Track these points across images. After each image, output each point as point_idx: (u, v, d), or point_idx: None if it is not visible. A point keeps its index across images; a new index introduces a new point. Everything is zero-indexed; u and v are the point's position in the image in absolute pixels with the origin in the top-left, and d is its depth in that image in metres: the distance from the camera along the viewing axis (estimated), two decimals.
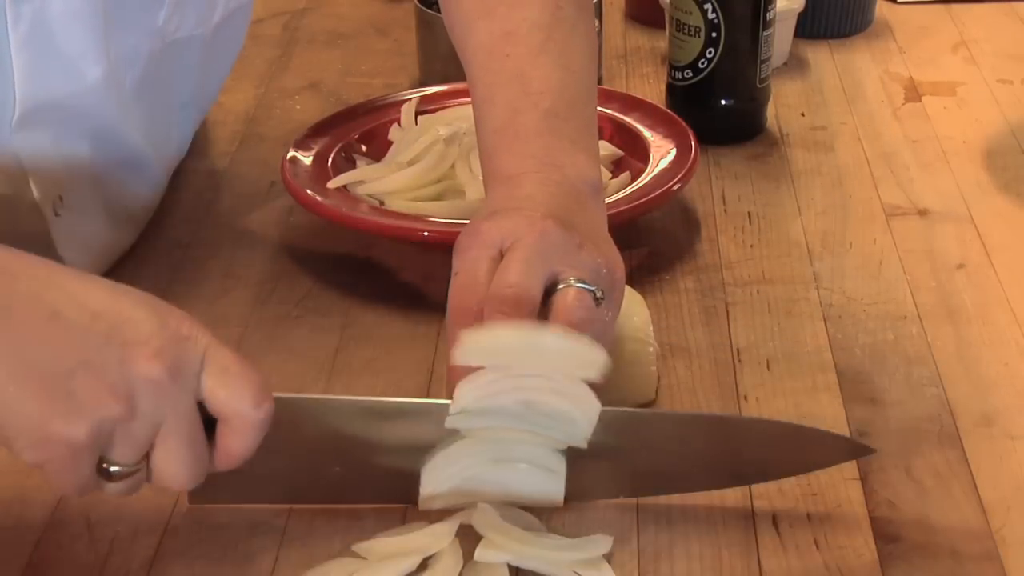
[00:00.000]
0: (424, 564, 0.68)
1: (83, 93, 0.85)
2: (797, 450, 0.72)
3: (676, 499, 0.72)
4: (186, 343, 0.60)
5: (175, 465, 0.61)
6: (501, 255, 0.71)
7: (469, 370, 0.67)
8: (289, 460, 0.69)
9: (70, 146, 0.87)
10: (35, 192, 0.86)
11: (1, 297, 0.58)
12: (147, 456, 0.61)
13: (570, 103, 0.80)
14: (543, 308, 0.70)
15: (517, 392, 0.68)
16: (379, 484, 0.71)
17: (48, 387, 0.57)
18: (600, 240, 0.75)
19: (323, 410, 0.69)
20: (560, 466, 0.70)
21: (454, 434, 0.70)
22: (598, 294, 0.71)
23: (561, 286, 0.70)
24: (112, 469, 0.60)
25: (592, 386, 0.69)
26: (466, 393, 0.68)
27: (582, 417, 0.68)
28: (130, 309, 0.60)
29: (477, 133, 0.82)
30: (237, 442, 0.62)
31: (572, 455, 0.71)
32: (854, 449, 0.74)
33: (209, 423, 0.62)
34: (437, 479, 0.70)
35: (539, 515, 0.71)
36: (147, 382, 0.58)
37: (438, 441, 0.70)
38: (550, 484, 0.71)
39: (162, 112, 0.97)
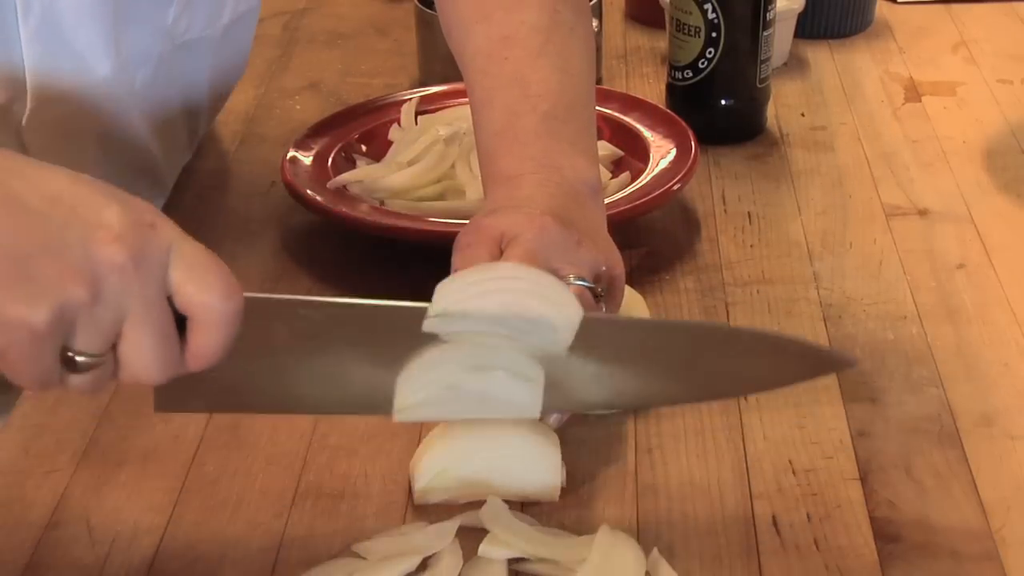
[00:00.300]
0: (424, 564, 0.68)
1: (92, 89, 0.85)
2: (778, 359, 0.71)
3: (676, 500, 0.72)
4: (151, 231, 0.58)
5: (144, 356, 0.58)
6: (501, 252, 0.71)
7: None
8: (258, 364, 0.66)
9: (78, 145, 0.88)
10: None
11: None
12: (115, 349, 0.58)
13: (569, 106, 0.80)
14: None
15: (498, 294, 0.66)
16: (353, 394, 0.69)
17: (8, 271, 0.55)
18: (599, 239, 0.75)
19: (294, 311, 0.66)
20: (538, 375, 0.68)
21: (432, 340, 0.67)
22: (598, 291, 0.71)
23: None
24: (78, 359, 0.57)
25: None
26: (447, 294, 0.66)
27: (563, 323, 0.66)
28: (92, 194, 0.57)
29: (476, 136, 0.82)
30: (208, 338, 0.59)
31: (550, 361, 0.68)
32: (835, 361, 0.74)
33: (180, 325, 0.59)
34: (413, 388, 0.67)
35: (538, 516, 0.71)
36: (110, 265, 0.56)
37: (415, 347, 0.67)
38: (527, 394, 0.67)
39: (173, 114, 0.97)
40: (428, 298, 0.91)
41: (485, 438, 0.71)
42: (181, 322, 0.59)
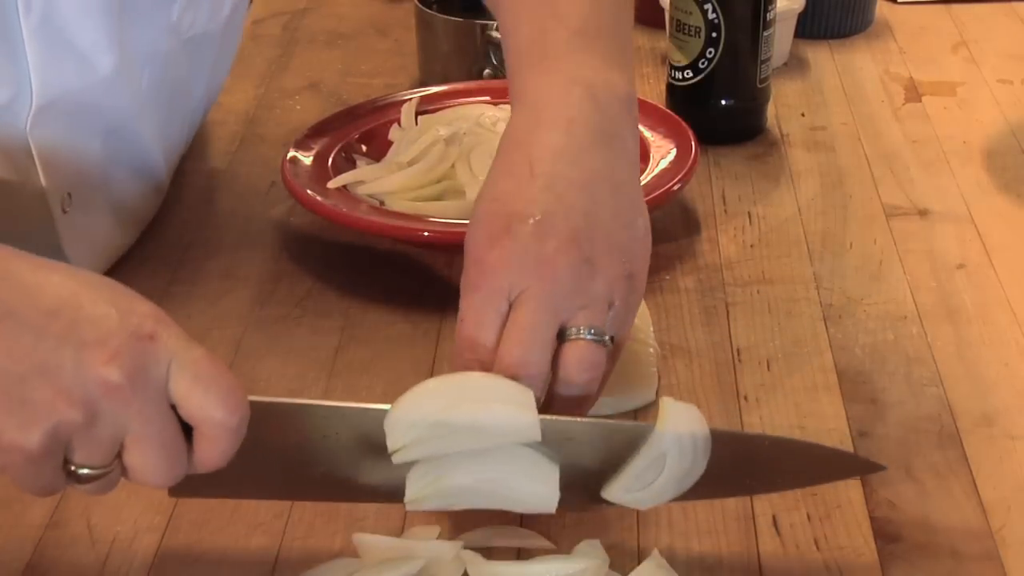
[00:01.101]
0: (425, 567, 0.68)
1: (96, 86, 0.85)
2: (805, 466, 0.70)
3: (676, 499, 0.72)
4: (149, 344, 0.57)
5: (149, 467, 0.58)
6: (509, 305, 0.68)
7: None
8: (270, 461, 0.67)
9: (83, 143, 0.88)
10: (45, 188, 0.86)
11: None
12: (120, 457, 0.59)
13: (600, 25, 0.77)
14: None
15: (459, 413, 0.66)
16: (368, 485, 0.69)
17: (1, 394, 0.55)
18: (625, 205, 0.72)
19: (303, 415, 0.66)
20: (530, 400, 0.66)
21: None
22: (606, 340, 0.69)
23: (572, 335, 0.68)
24: (80, 472, 0.58)
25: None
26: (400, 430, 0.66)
27: (525, 423, 0.66)
28: (89, 305, 0.56)
29: (505, 59, 0.79)
30: (212, 449, 0.59)
31: (569, 464, 0.68)
32: (864, 466, 0.73)
33: (187, 424, 0.60)
34: (402, 429, 0.66)
35: (538, 517, 0.71)
36: (105, 386, 0.55)
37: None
38: (522, 418, 0.66)
39: (176, 112, 0.97)
40: (426, 299, 0.91)
41: (460, 393, 0.67)
42: (187, 425, 0.59)
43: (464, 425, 0.65)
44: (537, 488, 0.68)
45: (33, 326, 0.55)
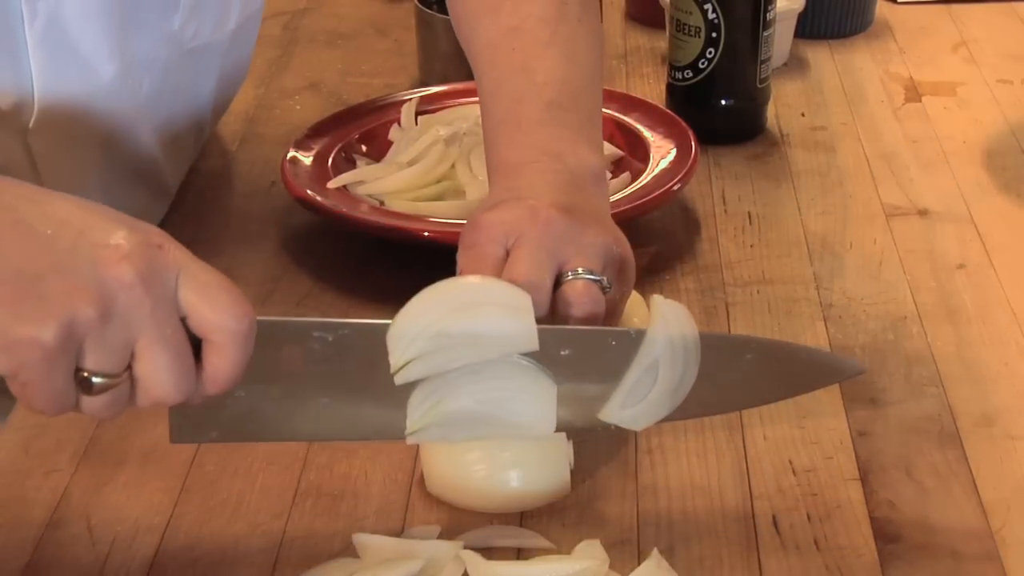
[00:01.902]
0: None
1: (97, 92, 0.85)
2: (788, 370, 0.71)
3: (676, 500, 0.72)
4: (159, 251, 0.58)
5: (160, 375, 0.58)
6: (506, 252, 0.71)
7: None
8: (272, 390, 0.66)
9: (83, 149, 0.88)
10: None
11: None
12: (130, 370, 0.58)
13: (574, 95, 0.80)
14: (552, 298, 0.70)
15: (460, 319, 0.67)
16: (367, 418, 0.69)
17: (15, 291, 0.55)
18: (605, 222, 0.75)
19: (306, 334, 0.66)
20: (527, 304, 0.67)
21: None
22: (605, 283, 0.71)
23: (568, 277, 0.70)
24: (92, 380, 0.58)
25: None
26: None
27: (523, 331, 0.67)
28: (98, 217, 0.58)
29: (483, 126, 0.82)
30: (223, 359, 0.59)
31: (567, 384, 0.69)
32: (844, 368, 0.74)
33: (195, 351, 0.59)
34: (404, 344, 0.66)
35: (538, 518, 0.71)
36: (119, 283, 0.56)
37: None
38: (520, 323, 0.67)
39: (178, 122, 0.97)
40: None
41: (458, 299, 0.68)
42: (195, 348, 0.59)
43: (464, 334, 0.66)
44: (535, 409, 0.68)
45: (46, 232, 0.57)
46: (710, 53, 1.09)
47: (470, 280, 0.68)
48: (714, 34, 1.08)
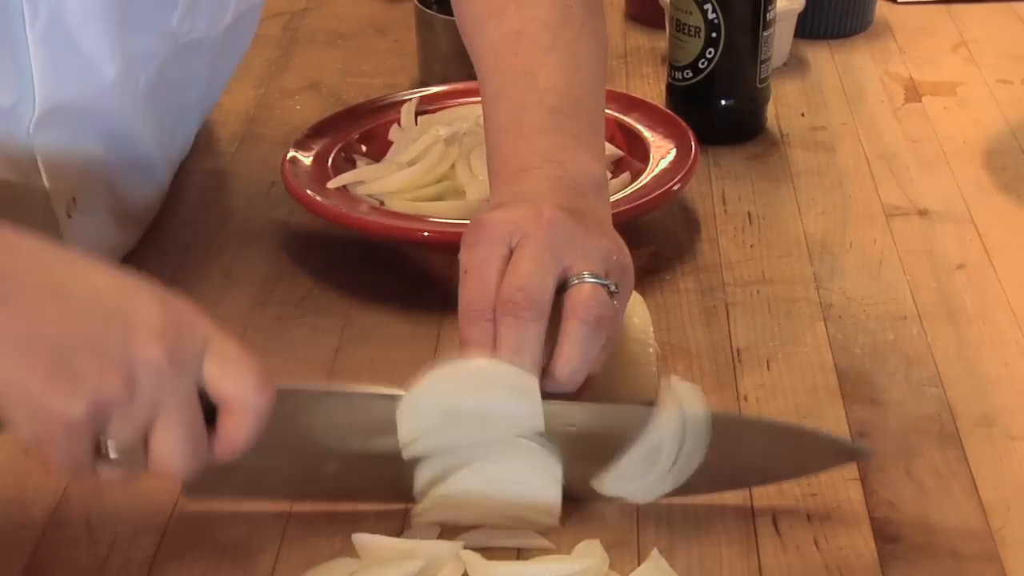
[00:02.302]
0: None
1: (99, 92, 0.85)
2: (797, 452, 0.72)
3: (676, 500, 0.72)
4: (188, 329, 0.60)
5: (173, 450, 0.60)
6: (510, 252, 0.71)
7: None
8: (286, 453, 0.68)
9: (85, 147, 0.88)
10: (49, 193, 0.86)
11: (8, 273, 0.58)
12: (145, 442, 0.60)
13: (576, 101, 0.80)
14: (557, 300, 0.70)
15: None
16: (378, 481, 0.71)
17: (50, 363, 0.57)
18: (606, 228, 0.75)
19: (321, 402, 0.69)
20: (534, 386, 0.68)
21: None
22: (611, 288, 0.71)
23: (575, 281, 0.70)
24: (110, 452, 0.60)
25: (592, 388, 0.70)
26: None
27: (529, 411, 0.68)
28: (134, 292, 0.60)
29: (485, 130, 0.82)
30: (238, 429, 0.62)
31: (571, 458, 0.70)
32: (853, 452, 0.74)
33: (209, 413, 0.62)
34: (413, 421, 0.68)
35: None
36: (148, 364, 0.58)
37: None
38: (526, 405, 0.68)
39: (172, 114, 0.97)
40: (426, 299, 0.91)
41: (467, 382, 0.69)
42: (210, 413, 0.61)
43: (471, 413, 0.68)
44: (540, 492, 0.70)
45: (84, 304, 0.59)
46: (710, 53, 1.09)
47: (478, 363, 0.69)
48: (714, 34, 1.08)
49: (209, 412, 0.62)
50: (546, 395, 0.69)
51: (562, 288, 0.70)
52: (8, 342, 0.57)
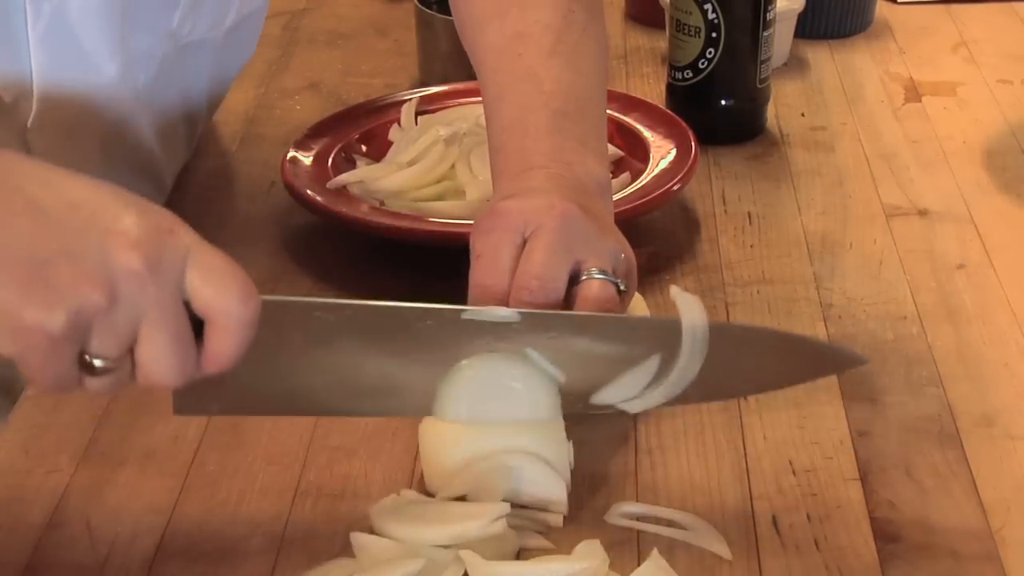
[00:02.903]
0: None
1: (98, 90, 0.85)
2: (792, 359, 0.72)
3: (676, 499, 0.72)
4: (168, 236, 0.58)
5: (161, 360, 0.59)
6: (523, 240, 0.71)
7: None
8: (273, 366, 0.67)
9: (82, 145, 0.88)
10: None
11: None
12: (132, 352, 0.59)
13: (579, 105, 0.81)
14: (566, 295, 0.71)
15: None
16: (366, 394, 0.70)
17: (25, 275, 0.56)
18: (612, 228, 0.76)
19: (309, 313, 0.67)
20: (553, 388, 0.70)
21: (445, 343, 0.70)
22: (620, 286, 0.72)
23: (584, 277, 0.71)
24: (95, 363, 0.58)
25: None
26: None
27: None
28: (110, 201, 0.58)
29: (487, 131, 0.82)
30: (225, 341, 0.60)
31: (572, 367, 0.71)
32: (850, 359, 0.75)
33: (197, 328, 0.60)
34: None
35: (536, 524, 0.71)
36: (127, 271, 0.57)
37: (428, 348, 0.70)
38: (545, 396, 0.70)
39: (173, 114, 0.97)
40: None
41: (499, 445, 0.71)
42: (197, 326, 0.60)
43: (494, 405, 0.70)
44: (550, 488, 0.71)
45: (57, 215, 0.57)
46: (710, 53, 1.09)
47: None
48: (714, 34, 1.08)
49: (196, 326, 0.60)
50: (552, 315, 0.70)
51: (571, 282, 0.71)
52: None
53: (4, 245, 0.56)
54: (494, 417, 0.70)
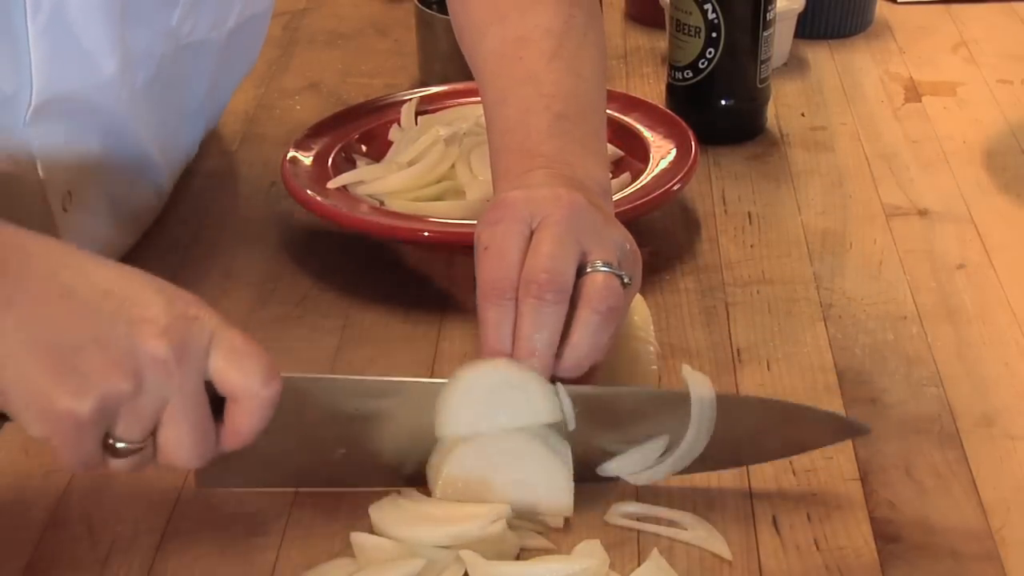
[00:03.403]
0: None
1: (97, 87, 0.85)
2: (795, 429, 0.72)
3: (676, 500, 0.72)
4: (194, 323, 0.60)
5: (181, 443, 0.61)
6: (531, 232, 0.72)
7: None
8: (295, 441, 0.69)
9: (81, 141, 0.88)
10: (45, 185, 0.86)
11: (16, 274, 0.59)
12: (154, 434, 0.61)
13: (580, 108, 0.81)
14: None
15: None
16: (385, 467, 0.71)
17: (57, 362, 0.58)
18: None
19: (328, 391, 0.70)
20: (554, 396, 0.70)
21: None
22: (625, 279, 0.72)
23: (589, 270, 0.71)
24: (118, 445, 0.61)
25: (593, 382, 0.71)
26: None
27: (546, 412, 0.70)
28: (139, 288, 0.60)
29: (488, 134, 0.82)
30: (245, 421, 0.62)
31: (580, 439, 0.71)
32: (851, 428, 0.74)
33: (217, 403, 0.62)
34: (453, 414, 0.70)
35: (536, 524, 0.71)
36: (154, 360, 0.59)
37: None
38: (551, 406, 0.70)
39: (172, 115, 0.97)
40: (426, 299, 0.91)
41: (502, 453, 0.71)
42: (217, 402, 0.62)
43: (502, 410, 0.70)
44: (553, 492, 0.70)
45: (89, 303, 0.59)
46: (710, 53, 1.09)
47: (508, 366, 0.70)
48: (714, 34, 1.08)
49: (216, 401, 0.62)
50: (552, 379, 0.70)
51: (577, 273, 0.71)
52: (16, 343, 0.58)
53: (39, 331, 0.58)
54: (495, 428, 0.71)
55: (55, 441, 0.60)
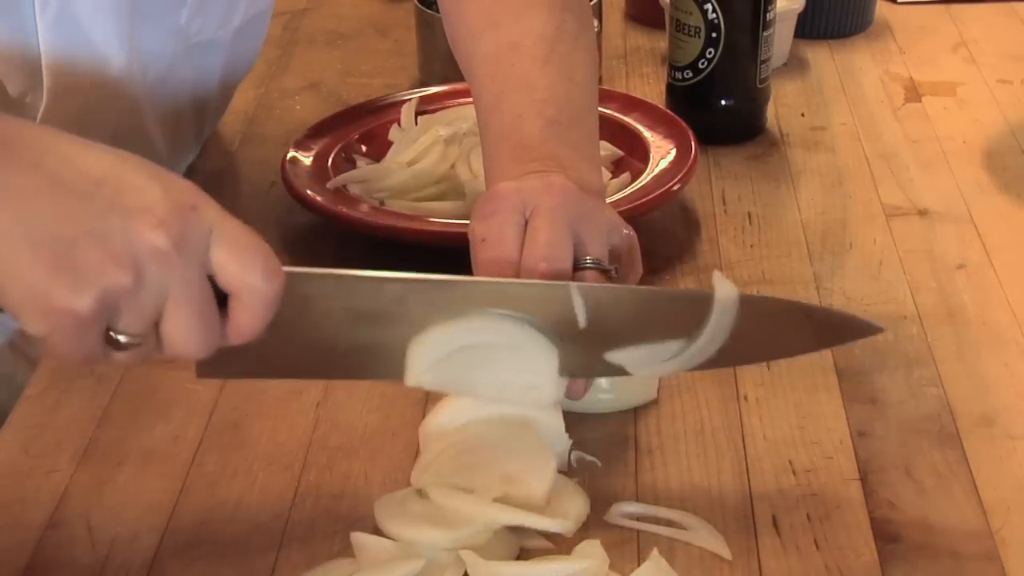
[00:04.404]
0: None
1: (107, 83, 0.86)
2: (812, 327, 0.72)
3: (676, 499, 0.72)
4: (192, 213, 0.58)
5: (185, 335, 0.59)
6: (525, 221, 0.72)
7: None
8: (297, 335, 0.68)
9: (92, 138, 0.88)
10: None
11: (2, 166, 0.56)
12: (157, 326, 0.59)
13: (573, 113, 0.81)
14: None
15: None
16: (385, 359, 0.70)
17: (52, 257, 0.56)
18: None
19: (332, 286, 0.68)
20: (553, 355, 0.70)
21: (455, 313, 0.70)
22: (612, 274, 0.73)
23: (578, 266, 0.72)
24: (120, 339, 0.59)
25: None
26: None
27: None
28: (134, 176, 0.58)
29: (481, 139, 0.83)
30: (248, 316, 0.60)
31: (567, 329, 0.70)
32: (866, 327, 0.74)
33: (221, 296, 0.60)
34: (425, 355, 0.69)
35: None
36: (152, 251, 0.57)
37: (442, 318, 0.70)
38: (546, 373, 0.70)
39: (180, 113, 0.97)
40: None
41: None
42: (222, 297, 0.60)
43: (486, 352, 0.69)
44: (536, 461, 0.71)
45: (81, 193, 0.57)
46: (710, 53, 1.09)
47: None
48: (714, 34, 1.08)
49: (219, 296, 0.60)
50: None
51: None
52: (7, 240, 0.56)
53: (30, 226, 0.56)
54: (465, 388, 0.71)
55: (55, 338, 0.57)
